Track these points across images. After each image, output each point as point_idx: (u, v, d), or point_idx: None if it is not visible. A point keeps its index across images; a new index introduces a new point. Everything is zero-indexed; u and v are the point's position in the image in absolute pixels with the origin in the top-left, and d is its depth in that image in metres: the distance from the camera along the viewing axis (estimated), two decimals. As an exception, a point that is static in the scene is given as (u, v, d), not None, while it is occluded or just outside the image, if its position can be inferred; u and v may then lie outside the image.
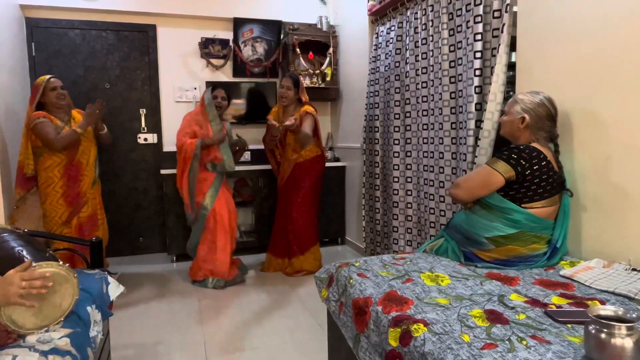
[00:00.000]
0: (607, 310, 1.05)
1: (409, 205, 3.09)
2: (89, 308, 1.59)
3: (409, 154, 3.08)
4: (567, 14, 1.87)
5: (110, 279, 1.91)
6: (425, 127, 2.87)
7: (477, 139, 2.35)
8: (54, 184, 2.88)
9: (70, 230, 2.95)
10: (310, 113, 3.42)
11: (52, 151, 2.84)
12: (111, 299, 1.85)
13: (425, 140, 2.88)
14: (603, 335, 0.97)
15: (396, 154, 3.18)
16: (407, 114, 3.06)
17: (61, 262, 1.45)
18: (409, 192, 3.09)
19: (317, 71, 4.24)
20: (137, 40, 4.06)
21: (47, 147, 2.82)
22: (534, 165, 1.70)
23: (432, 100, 2.77)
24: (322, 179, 3.66)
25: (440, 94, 2.67)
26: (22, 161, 2.86)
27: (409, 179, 3.09)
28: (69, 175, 2.91)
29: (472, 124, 2.38)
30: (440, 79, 2.66)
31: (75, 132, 2.83)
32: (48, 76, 2.90)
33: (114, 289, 1.88)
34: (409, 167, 3.09)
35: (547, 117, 1.79)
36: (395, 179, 3.19)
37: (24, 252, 1.47)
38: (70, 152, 2.90)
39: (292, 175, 3.54)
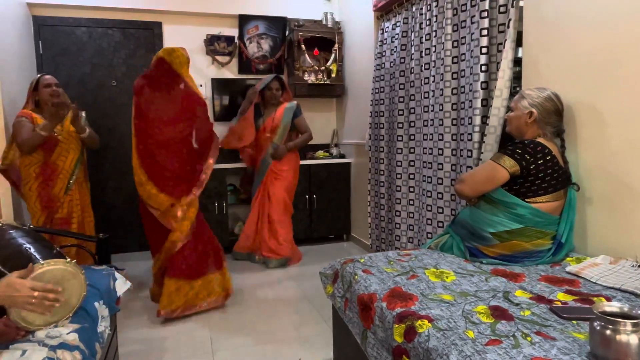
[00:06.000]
0: (613, 306, 1.05)
1: (411, 202, 3.09)
2: (96, 304, 1.61)
3: (412, 150, 3.07)
4: (574, 9, 1.86)
5: (117, 275, 1.93)
6: (425, 123, 2.86)
7: (483, 135, 2.34)
8: (30, 184, 2.75)
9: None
10: None
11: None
12: (118, 295, 1.87)
13: (425, 137, 2.87)
14: (608, 332, 0.97)
15: (399, 151, 3.18)
16: (411, 110, 3.05)
17: (68, 259, 1.47)
18: (412, 189, 3.09)
19: (323, 67, 4.23)
20: (143, 38, 4.07)
21: (17, 147, 2.69)
22: (538, 159, 1.69)
23: (434, 97, 2.76)
24: None
25: (442, 89, 2.65)
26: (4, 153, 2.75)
27: (411, 176, 3.09)
28: (43, 176, 2.76)
29: (478, 120, 2.37)
30: (442, 74, 2.65)
31: (38, 134, 2.61)
32: (42, 74, 2.82)
33: (121, 285, 1.90)
34: (411, 163, 3.08)
35: (554, 112, 1.79)
36: (398, 176, 3.19)
37: (32, 250, 1.49)
38: (46, 153, 2.74)
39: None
